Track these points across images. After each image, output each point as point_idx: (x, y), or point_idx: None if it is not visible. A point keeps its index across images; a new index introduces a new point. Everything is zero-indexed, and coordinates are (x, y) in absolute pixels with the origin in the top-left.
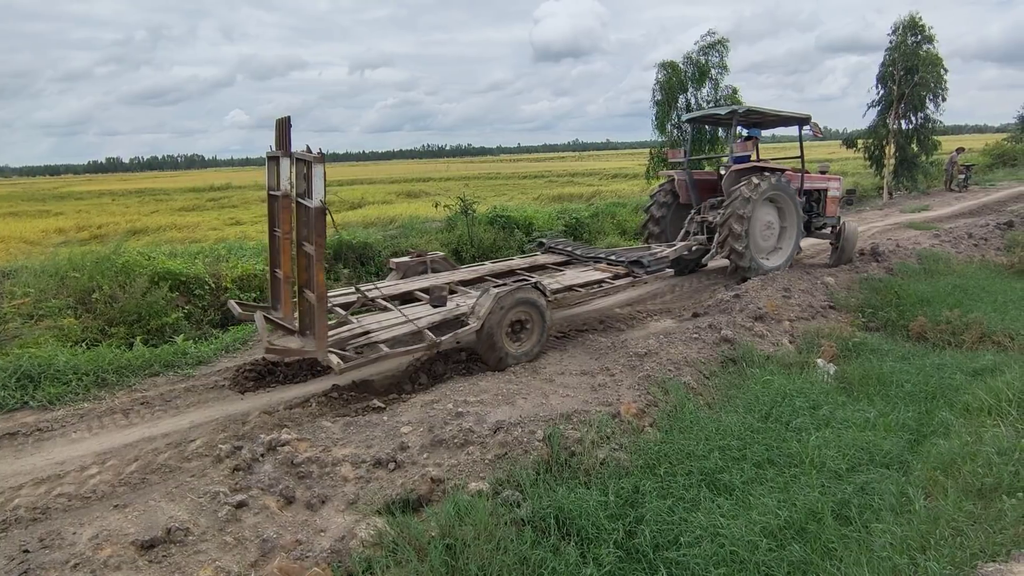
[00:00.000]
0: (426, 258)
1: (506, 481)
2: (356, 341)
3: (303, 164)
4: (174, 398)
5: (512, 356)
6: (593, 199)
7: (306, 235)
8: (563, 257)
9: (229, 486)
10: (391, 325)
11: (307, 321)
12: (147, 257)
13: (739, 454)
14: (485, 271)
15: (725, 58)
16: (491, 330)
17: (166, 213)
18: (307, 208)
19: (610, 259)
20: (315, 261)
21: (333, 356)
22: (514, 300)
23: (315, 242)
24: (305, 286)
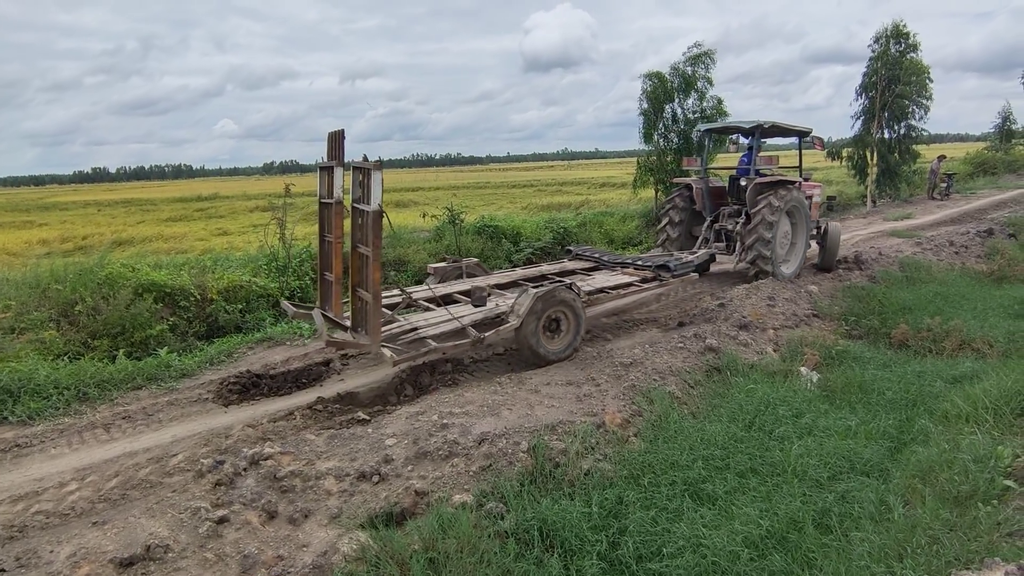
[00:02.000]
0: (462, 263)
1: (490, 493)
2: (405, 337)
3: (359, 172)
4: (156, 412)
5: (549, 353)
6: (582, 208)
7: (360, 237)
8: (591, 263)
9: (210, 501)
10: (437, 323)
11: (359, 318)
12: (131, 268)
13: (722, 463)
14: (518, 276)
15: (711, 70)
16: (529, 328)
17: (152, 223)
18: (364, 212)
19: (637, 264)
20: (372, 261)
21: (386, 350)
22: (551, 299)
23: (372, 243)
24: (358, 286)
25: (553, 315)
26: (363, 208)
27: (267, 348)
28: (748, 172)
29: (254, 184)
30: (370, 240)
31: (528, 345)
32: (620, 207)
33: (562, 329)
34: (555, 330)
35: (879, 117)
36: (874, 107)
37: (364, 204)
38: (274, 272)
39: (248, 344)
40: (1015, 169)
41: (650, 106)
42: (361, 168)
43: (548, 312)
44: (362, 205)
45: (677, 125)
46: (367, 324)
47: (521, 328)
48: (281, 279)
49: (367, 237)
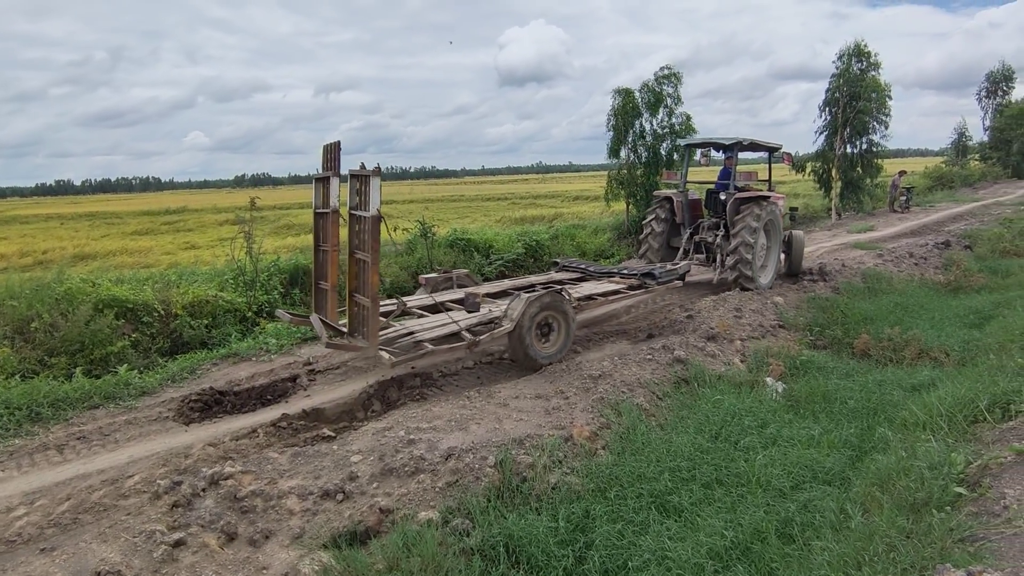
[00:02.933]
0: (452, 274)
1: (456, 509)
2: (402, 340)
3: (357, 179)
4: (113, 432)
5: (541, 356)
6: (555, 221)
7: (357, 244)
8: (578, 274)
9: (167, 524)
10: (432, 327)
11: (356, 323)
12: (92, 283)
13: (689, 475)
14: (508, 285)
15: (679, 89)
16: (522, 331)
17: (117, 237)
18: (363, 218)
19: (623, 273)
20: (370, 265)
21: (384, 352)
22: (543, 304)
23: (371, 247)
24: (355, 291)
25: (545, 319)
26: (361, 214)
27: (232, 364)
28: (727, 186)
29: (224, 197)
30: (369, 245)
31: (521, 348)
32: (592, 220)
33: (553, 333)
34: (547, 334)
35: (841, 132)
36: (836, 123)
37: (363, 210)
38: (241, 286)
39: (212, 360)
40: (971, 183)
41: (619, 121)
42: (359, 175)
43: (540, 316)
44: (360, 211)
45: (645, 140)
46: (365, 328)
47: (514, 332)
48: (249, 293)
49: (365, 242)
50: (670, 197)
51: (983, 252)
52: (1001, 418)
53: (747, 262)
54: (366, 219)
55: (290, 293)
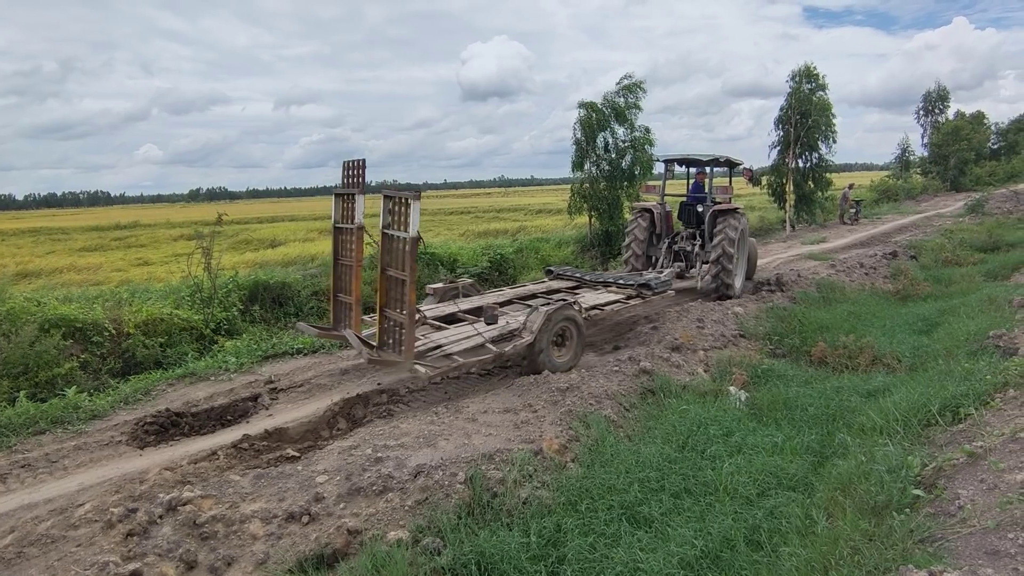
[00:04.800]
0: (458, 284)
1: (427, 528)
2: (432, 353)
3: (391, 199)
4: (61, 458)
5: (557, 365)
6: (518, 234)
7: (389, 261)
8: (573, 282)
9: (121, 554)
10: (458, 339)
11: (386, 337)
12: (37, 303)
13: (658, 485)
14: (510, 295)
15: (640, 100)
16: (541, 342)
17: (64, 254)
18: (398, 238)
19: (619, 283)
20: (408, 284)
21: (419, 366)
22: (559, 316)
23: (409, 267)
24: (386, 307)
25: (560, 330)
26: (399, 235)
27: (189, 384)
28: (702, 199)
29: (179, 211)
30: (407, 265)
31: (539, 358)
32: (555, 233)
33: (567, 342)
34: (561, 344)
35: (793, 148)
36: (788, 139)
37: (400, 231)
38: (198, 303)
39: (168, 380)
40: (914, 196)
41: (584, 135)
42: (394, 196)
43: (556, 327)
44: (397, 231)
45: (609, 153)
46: (401, 343)
47: (534, 343)
48: (206, 311)
49: (402, 261)
50: (650, 209)
51: (927, 262)
52: (952, 421)
53: (728, 271)
54: (404, 240)
55: (249, 310)
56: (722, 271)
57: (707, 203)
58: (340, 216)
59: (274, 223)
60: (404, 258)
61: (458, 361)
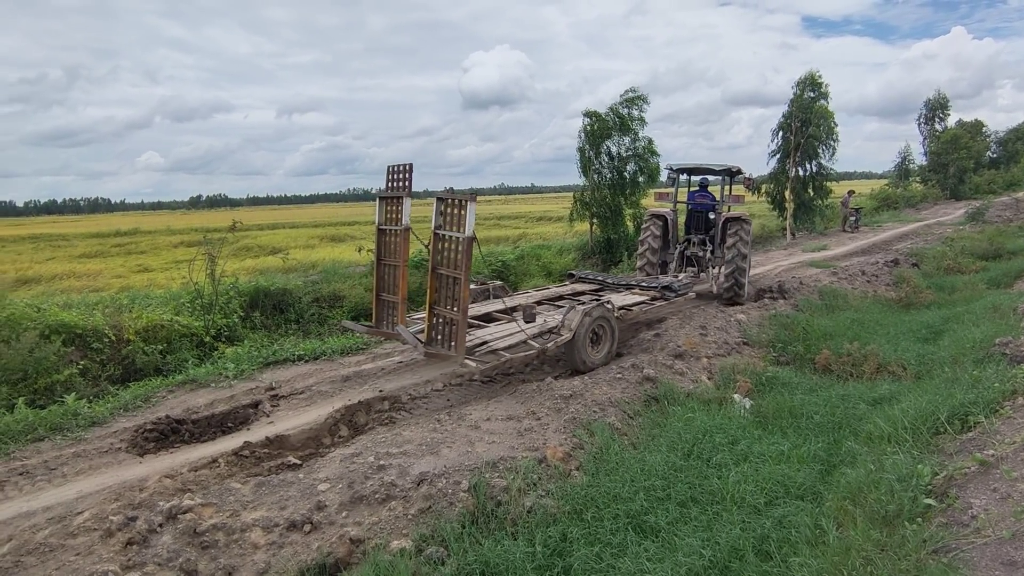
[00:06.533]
0: (489, 285)
1: (430, 537)
2: (480, 349)
3: (444, 202)
4: (60, 465)
5: (593, 361)
6: (520, 241)
7: (440, 261)
8: (596, 285)
9: (120, 563)
10: (502, 336)
11: (435, 334)
12: (37, 309)
13: (664, 494)
14: (539, 296)
15: (644, 112)
16: (579, 340)
17: (64, 260)
18: (452, 238)
19: (642, 285)
20: (463, 283)
21: (471, 361)
22: (595, 315)
23: (464, 267)
24: (436, 304)
25: (595, 328)
26: (453, 235)
27: (189, 391)
28: (709, 207)
29: (179, 218)
30: (463, 264)
31: (578, 355)
32: (557, 240)
33: (602, 340)
34: (596, 341)
35: (793, 155)
36: (788, 146)
37: (454, 231)
38: (199, 310)
39: (168, 387)
40: (914, 204)
41: (588, 143)
42: (447, 199)
43: (592, 325)
44: (451, 232)
45: (612, 162)
46: (453, 339)
47: (573, 340)
48: (207, 317)
49: (457, 261)
50: (663, 215)
51: (930, 269)
52: (961, 429)
53: (743, 271)
54: (460, 240)
55: (250, 316)
56: (737, 272)
57: (718, 210)
58: (384, 218)
59: (275, 230)
60: (458, 257)
61: (504, 356)
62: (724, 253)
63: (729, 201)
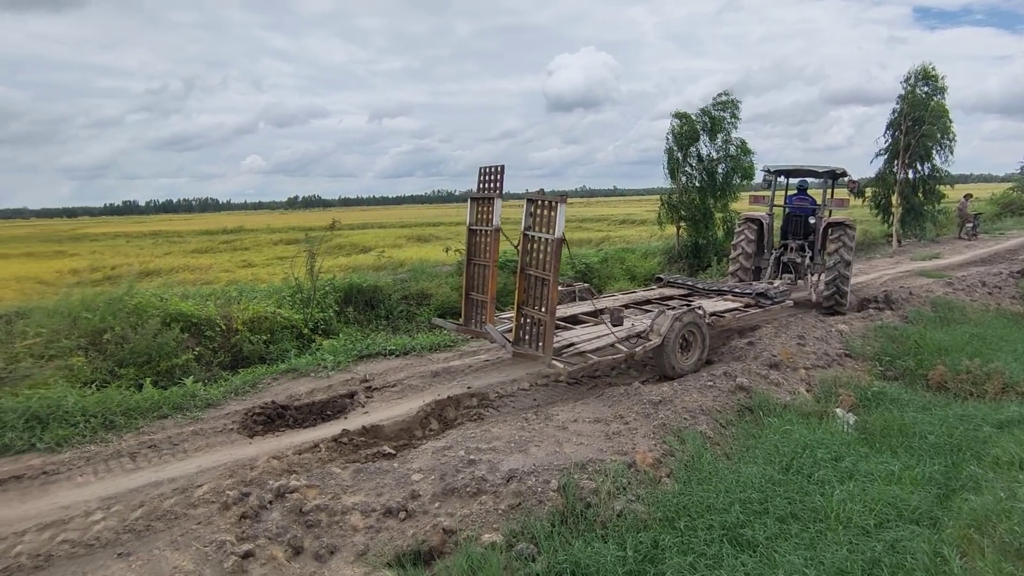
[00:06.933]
0: (574, 287)
1: (520, 533)
2: (567, 351)
3: (534, 203)
4: (182, 442)
5: (684, 367)
6: (602, 244)
7: (529, 261)
8: (685, 290)
9: (236, 535)
10: (589, 338)
11: (522, 334)
12: (160, 298)
13: (761, 508)
14: (625, 300)
15: (737, 114)
16: (669, 345)
17: (179, 255)
18: (541, 239)
19: (735, 291)
20: (551, 283)
21: (558, 362)
22: (686, 320)
23: (552, 268)
24: (524, 304)
25: (685, 334)
26: (542, 236)
27: (291, 379)
28: (809, 211)
29: (278, 218)
30: (551, 265)
31: (667, 360)
32: (641, 244)
33: (691, 347)
34: (685, 348)
35: (902, 157)
36: (897, 146)
37: (544, 232)
38: (298, 304)
39: (272, 375)
40: None
41: (676, 144)
42: (538, 200)
43: (682, 331)
44: (540, 233)
45: (701, 164)
46: (541, 340)
47: (662, 346)
48: (305, 311)
49: (545, 262)
50: (759, 219)
51: None
52: None
53: (846, 279)
54: (549, 241)
55: (344, 311)
56: (839, 280)
57: (818, 214)
58: (475, 219)
59: (364, 230)
60: (547, 258)
61: (592, 359)
62: (825, 260)
63: (831, 205)
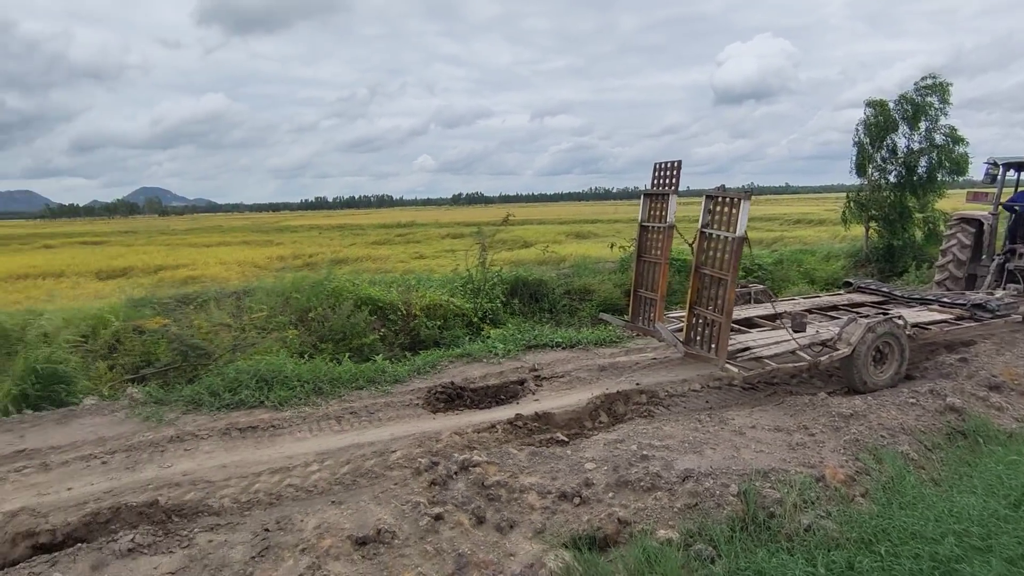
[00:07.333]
0: (750, 289)
1: (696, 533)
2: (741, 355)
3: (712, 200)
4: (376, 411)
5: (874, 383)
6: (775, 245)
7: (704, 260)
8: (880, 297)
9: (427, 498)
10: (767, 343)
11: (694, 335)
12: (353, 283)
13: (982, 544)
14: (807, 304)
15: (947, 98)
16: (859, 356)
17: (361, 246)
18: (720, 237)
19: (943, 301)
20: (728, 285)
21: (732, 366)
22: (881, 330)
23: (732, 267)
24: (696, 304)
25: (879, 345)
26: (722, 234)
27: (466, 363)
28: None
29: (444, 213)
30: (730, 265)
31: (856, 373)
32: (820, 245)
33: (887, 360)
34: (879, 360)
35: None
36: None
37: (723, 230)
38: (468, 293)
39: (449, 358)
40: None
41: (868, 136)
42: (717, 196)
43: (876, 342)
44: (719, 231)
45: (897, 157)
46: (714, 342)
47: (851, 356)
48: (475, 300)
49: (723, 261)
50: (977, 219)
51: None
52: None
53: None
54: (729, 240)
55: (509, 303)
56: None
57: None
58: (647, 215)
59: (524, 226)
60: (726, 258)
61: (770, 366)
62: None
63: None
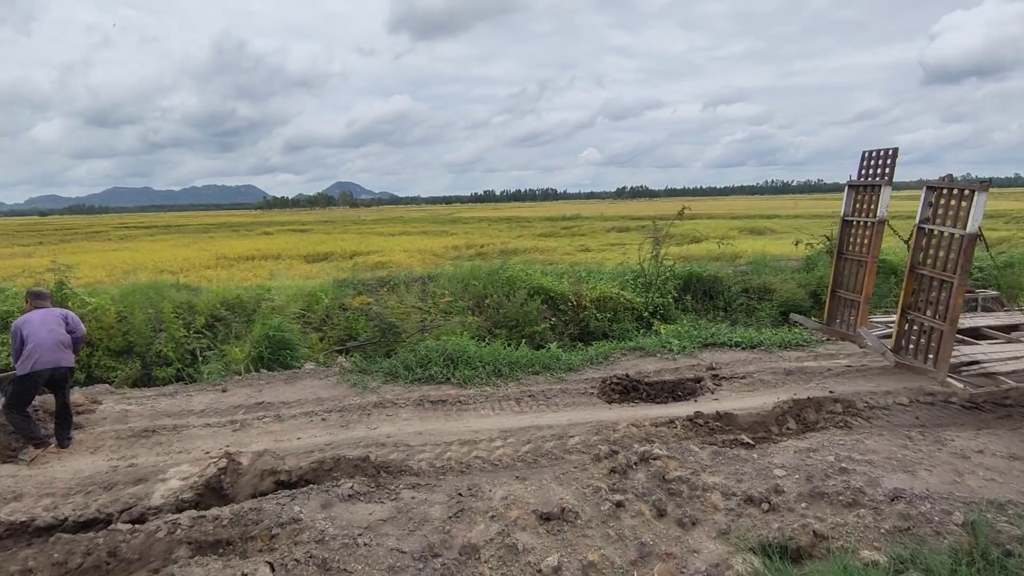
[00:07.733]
0: (977, 295)
1: (909, 560)
2: (968, 369)
3: (934, 191)
4: (552, 397)
5: None
6: (1002, 246)
7: (922, 259)
8: None
9: (607, 485)
10: (1003, 358)
11: (903, 342)
12: (526, 273)
13: None
14: None
15: None
16: None
17: (528, 237)
18: (941, 235)
19: None
20: (955, 288)
21: (955, 380)
22: None
23: (960, 268)
24: (909, 308)
25: None
26: (947, 231)
27: (638, 357)
28: None
29: (608, 207)
30: (958, 266)
31: None
32: None
33: None
34: None
35: None
36: None
37: (949, 226)
38: (639, 288)
39: (621, 350)
40: None
41: None
42: (940, 188)
43: None
44: (944, 226)
45: None
46: (934, 352)
47: None
48: (646, 295)
49: (948, 261)
50: None
51: None
52: None
53: None
54: (957, 237)
55: (682, 299)
56: None
57: None
58: (851, 209)
59: (692, 220)
60: (950, 257)
61: (1006, 384)
62: None
63: None
